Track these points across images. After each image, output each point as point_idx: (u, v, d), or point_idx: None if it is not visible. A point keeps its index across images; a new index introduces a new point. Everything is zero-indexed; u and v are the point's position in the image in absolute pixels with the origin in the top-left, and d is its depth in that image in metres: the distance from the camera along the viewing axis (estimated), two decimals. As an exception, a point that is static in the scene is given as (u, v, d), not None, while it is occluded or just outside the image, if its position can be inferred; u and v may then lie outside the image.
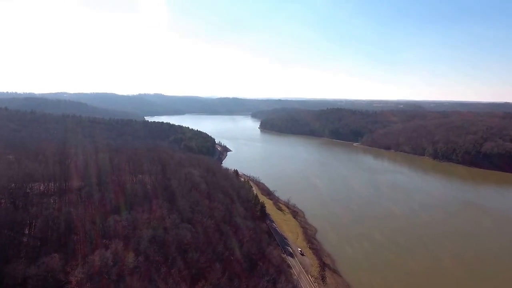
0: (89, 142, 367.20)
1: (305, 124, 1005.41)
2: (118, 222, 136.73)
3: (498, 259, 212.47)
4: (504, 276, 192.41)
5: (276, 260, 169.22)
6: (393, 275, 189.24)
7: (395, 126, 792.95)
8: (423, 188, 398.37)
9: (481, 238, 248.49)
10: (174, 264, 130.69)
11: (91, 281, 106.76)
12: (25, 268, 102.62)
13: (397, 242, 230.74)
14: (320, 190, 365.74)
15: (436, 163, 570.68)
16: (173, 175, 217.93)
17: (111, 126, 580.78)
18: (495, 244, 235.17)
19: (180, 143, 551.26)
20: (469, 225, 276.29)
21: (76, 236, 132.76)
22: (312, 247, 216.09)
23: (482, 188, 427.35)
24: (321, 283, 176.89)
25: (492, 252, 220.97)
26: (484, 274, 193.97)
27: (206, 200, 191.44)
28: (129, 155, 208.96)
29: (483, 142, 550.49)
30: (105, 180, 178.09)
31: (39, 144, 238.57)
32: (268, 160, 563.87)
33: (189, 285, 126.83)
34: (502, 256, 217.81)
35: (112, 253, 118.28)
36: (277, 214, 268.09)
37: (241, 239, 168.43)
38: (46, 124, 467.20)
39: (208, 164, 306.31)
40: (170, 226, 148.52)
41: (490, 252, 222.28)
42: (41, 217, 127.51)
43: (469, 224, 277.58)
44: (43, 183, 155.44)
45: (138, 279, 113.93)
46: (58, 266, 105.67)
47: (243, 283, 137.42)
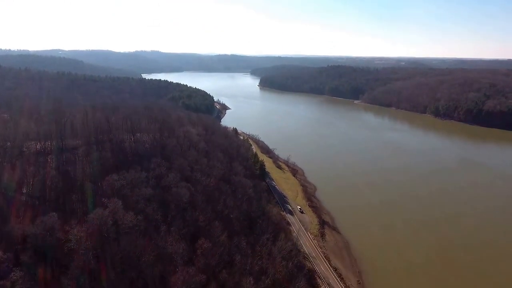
0: (85, 100, 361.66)
1: (305, 82, 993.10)
2: (116, 181, 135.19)
3: (486, 213, 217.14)
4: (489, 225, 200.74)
5: (275, 218, 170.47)
6: (391, 231, 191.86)
7: (396, 84, 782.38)
8: (423, 146, 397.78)
9: (474, 191, 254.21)
10: (173, 222, 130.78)
11: (91, 240, 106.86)
12: (24, 227, 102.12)
13: (395, 200, 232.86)
14: (320, 149, 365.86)
15: (437, 121, 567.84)
16: (171, 133, 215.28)
17: (108, 84, 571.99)
18: (484, 197, 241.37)
19: (178, 101, 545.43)
20: (464, 179, 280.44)
21: (75, 195, 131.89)
22: (312, 205, 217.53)
23: (482, 146, 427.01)
24: (320, 240, 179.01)
25: (479, 205, 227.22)
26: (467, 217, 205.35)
27: (205, 158, 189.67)
28: (127, 114, 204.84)
29: (485, 100, 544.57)
30: (103, 139, 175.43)
31: (35, 103, 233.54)
32: (268, 118, 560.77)
33: (189, 243, 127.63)
34: (489, 211, 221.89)
35: (111, 212, 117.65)
36: (277, 172, 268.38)
37: (240, 197, 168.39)
38: (41, 82, 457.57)
39: (207, 122, 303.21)
40: (168, 185, 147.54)
41: (478, 203, 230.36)
42: (38, 176, 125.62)
43: (465, 179, 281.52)
44: (39, 142, 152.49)
45: (137, 237, 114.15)
46: (57, 225, 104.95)
47: (243, 240, 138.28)
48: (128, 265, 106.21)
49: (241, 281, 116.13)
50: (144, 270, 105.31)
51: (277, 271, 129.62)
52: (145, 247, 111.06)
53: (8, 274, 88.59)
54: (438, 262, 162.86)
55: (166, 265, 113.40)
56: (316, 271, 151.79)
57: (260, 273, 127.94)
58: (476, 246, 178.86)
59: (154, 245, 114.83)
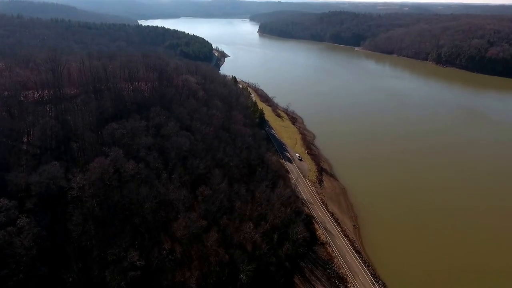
0: (81, 48, 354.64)
1: (305, 28, 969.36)
2: (116, 130, 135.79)
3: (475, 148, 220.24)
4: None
5: (274, 165, 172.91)
6: (386, 178, 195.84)
7: (398, 30, 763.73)
8: (423, 94, 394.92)
9: (472, 141, 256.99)
10: (174, 170, 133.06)
11: (93, 188, 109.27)
12: (26, 176, 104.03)
13: (392, 147, 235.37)
14: (320, 97, 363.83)
15: (438, 68, 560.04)
16: (170, 82, 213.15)
17: (103, 31, 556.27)
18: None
19: (176, 48, 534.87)
20: (463, 128, 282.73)
21: (76, 144, 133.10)
22: (310, 152, 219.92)
23: (482, 94, 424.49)
24: (318, 187, 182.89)
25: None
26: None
27: (204, 107, 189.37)
28: (124, 62, 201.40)
29: (489, 47, 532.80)
30: (100, 87, 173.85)
31: (30, 51, 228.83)
32: (267, 66, 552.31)
33: (190, 190, 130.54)
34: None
35: (112, 161, 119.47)
36: (276, 120, 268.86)
37: (240, 146, 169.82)
38: (35, 29, 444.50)
39: (206, 70, 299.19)
40: (168, 133, 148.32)
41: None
42: (38, 126, 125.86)
43: (463, 128, 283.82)
44: (37, 91, 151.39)
45: (139, 185, 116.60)
46: (60, 173, 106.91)
47: (243, 188, 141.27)
48: (131, 211, 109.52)
49: (241, 226, 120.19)
50: (147, 216, 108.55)
51: (276, 217, 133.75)
52: (147, 194, 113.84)
53: (14, 221, 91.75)
54: (432, 207, 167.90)
55: (168, 211, 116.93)
56: (313, 216, 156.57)
57: (259, 218, 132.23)
58: (473, 194, 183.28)
59: (156, 193, 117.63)
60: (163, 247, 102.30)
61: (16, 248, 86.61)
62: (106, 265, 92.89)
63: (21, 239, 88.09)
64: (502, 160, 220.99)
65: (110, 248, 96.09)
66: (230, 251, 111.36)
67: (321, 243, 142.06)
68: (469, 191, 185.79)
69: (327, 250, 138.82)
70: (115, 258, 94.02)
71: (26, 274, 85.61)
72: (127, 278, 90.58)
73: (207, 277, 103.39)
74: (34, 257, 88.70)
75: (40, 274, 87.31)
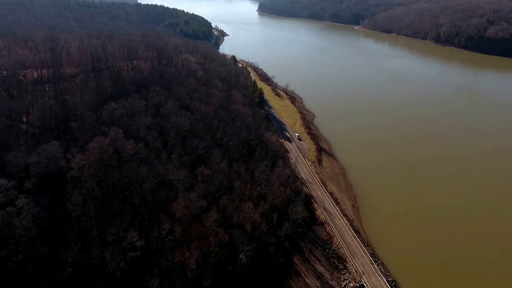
0: (80, 27, 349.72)
1: (305, 7, 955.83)
2: (115, 109, 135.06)
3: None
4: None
5: (274, 145, 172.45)
6: (385, 157, 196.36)
7: (398, 9, 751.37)
8: (421, 73, 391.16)
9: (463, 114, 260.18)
10: (173, 150, 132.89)
11: (93, 168, 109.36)
12: (26, 156, 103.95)
13: (390, 127, 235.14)
14: (320, 76, 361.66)
15: (437, 47, 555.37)
16: (169, 61, 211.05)
17: (102, 10, 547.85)
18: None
19: (175, 27, 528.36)
20: (458, 107, 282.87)
21: (75, 123, 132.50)
22: (310, 132, 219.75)
23: (480, 73, 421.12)
24: (318, 166, 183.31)
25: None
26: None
27: (203, 87, 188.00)
28: (123, 41, 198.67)
29: (488, 26, 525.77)
30: (100, 67, 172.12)
31: (28, 30, 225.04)
32: (267, 45, 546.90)
33: (189, 170, 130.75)
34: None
35: (112, 140, 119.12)
36: (275, 100, 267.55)
37: (239, 125, 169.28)
38: (33, 8, 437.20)
39: (205, 49, 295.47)
40: (168, 113, 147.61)
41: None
42: (37, 105, 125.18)
43: (458, 107, 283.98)
44: (36, 71, 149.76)
45: (139, 165, 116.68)
46: (59, 153, 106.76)
47: (242, 167, 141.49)
48: (130, 191, 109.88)
49: (241, 206, 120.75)
50: (146, 196, 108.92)
51: (275, 197, 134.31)
52: (146, 174, 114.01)
53: (13, 201, 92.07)
54: (430, 187, 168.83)
55: (168, 191, 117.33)
56: (313, 196, 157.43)
57: (259, 198, 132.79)
58: (472, 172, 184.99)
59: (156, 173, 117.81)
60: (162, 227, 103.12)
61: (15, 229, 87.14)
62: (105, 246, 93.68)
63: (20, 220, 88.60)
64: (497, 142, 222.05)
65: (109, 228, 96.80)
66: (230, 231, 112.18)
67: (320, 222, 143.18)
68: (469, 169, 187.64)
69: (326, 229, 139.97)
70: (115, 239, 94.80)
71: (26, 255, 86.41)
72: (127, 258, 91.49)
73: (207, 257, 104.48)
74: (33, 237, 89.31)
75: (40, 254, 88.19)
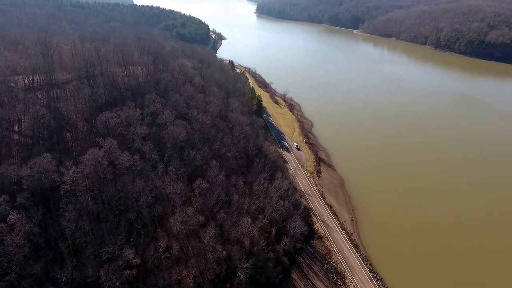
0: (73, 29, 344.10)
1: (303, 9, 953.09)
2: (110, 119, 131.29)
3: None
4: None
5: (272, 156, 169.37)
6: (384, 168, 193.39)
7: (398, 12, 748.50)
8: (421, 82, 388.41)
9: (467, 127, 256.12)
10: (170, 162, 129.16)
11: (87, 181, 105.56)
12: (17, 169, 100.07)
13: (389, 137, 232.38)
14: (319, 83, 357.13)
15: (436, 53, 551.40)
16: (165, 66, 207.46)
17: (97, 11, 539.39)
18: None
19: (172, 30, 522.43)
20: (457, 116, 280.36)
21: (69, 133, 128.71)
22: (308, 141, 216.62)
23: (479, 80, 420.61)
24: (316, 178, 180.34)
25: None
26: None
27: (201, 94, 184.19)
28: (117, 45, 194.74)
29: (488, 31, 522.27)
30: (94, 72, 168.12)
31: (20, 32, 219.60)
32: (265, 50, 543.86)
33: (187, 183, 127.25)
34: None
35: (106, 152, 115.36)
36: (274, 107, 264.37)
37: (237, 135, 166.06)
38: (26, 8, 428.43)
39: (202, 54, 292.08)
40: (164, 122, 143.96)
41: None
42: (28, 114, 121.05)
43: (457, 115, 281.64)
44: (27, 77, 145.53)
45: (134, 178, 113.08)
46: (51, 166, 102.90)
47: (240, 180, 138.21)
48: (126, 206, 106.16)
49: (239, 221, 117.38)
50: (142, 211, 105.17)
51: (274, 210, 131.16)
52: (143, 188, 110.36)
53: (5, 217, 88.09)
54: (431, 199, 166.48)
55: (165, 205, 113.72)
56: (311, 209, 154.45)
57: (257, 212, 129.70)
58: (474, 184, 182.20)
59: (152, 186, 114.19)
60: (159, 244, 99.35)
61: (7, 246, 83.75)
62: (101, 264, 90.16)
63: (13, 237, 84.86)
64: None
65: (104, 245, 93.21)
66: (228, 247, 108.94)
67: (319, 236, 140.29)
68: (470, 181, 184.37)
69: (325, 244, 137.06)
70: (110, 257, 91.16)
71: (19, 273, 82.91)
72: (123, 277, 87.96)
73: (204, 274, 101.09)
74: (26, 255, 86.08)
75: (33, 273, 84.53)
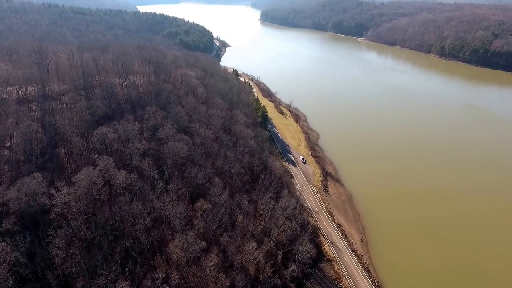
0: (75, 36, 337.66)
1: (307, 17, 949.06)
2: (107, 134, 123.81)
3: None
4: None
5: (278, 171, 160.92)
6: (393, 182, 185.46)
7: (402, 20, 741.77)
8: (428, 91, 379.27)
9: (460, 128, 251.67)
10: (170, 180, 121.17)
11: (79, 203, 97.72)
12: (3, 191, 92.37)
13: (397, 149, 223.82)
14: (324, 93, 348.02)
15: (441, 61, 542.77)
16: (167, 76, 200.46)
17: (99, 18, 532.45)
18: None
19: (175, 37, 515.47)
20: (464, 128, 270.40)
21: (63, 149, 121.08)
22: (315, 154, 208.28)
23: (483, 90, 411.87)
24: (323, 194, 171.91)
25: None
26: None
27: (203, 106, 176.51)
28: (117, 54, 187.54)
29: (493, 39, 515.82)
30: (91, 83, 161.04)
31: (17, 39, 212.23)
32: (269, 57, 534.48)
33: (188, 203, 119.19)
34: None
35: (101, 171, 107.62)
36: (279, 118, 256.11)
37: (241, 150, 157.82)
38: (26, 15, 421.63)
39: (206, 63, 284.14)
40: (165, 137, 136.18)
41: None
42: (18, 130, 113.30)
43: (464, 128, 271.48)
44: (20, 88, 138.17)
45: (131, 199, 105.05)
46: (41, 187, 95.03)
47: (245, 199, 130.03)
48: (122, 231, 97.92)
49: (243, 245, 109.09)
50: (139, 237, 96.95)
51: (281, 232, 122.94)
52: (140, 211, 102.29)
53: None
54: (445, 216, 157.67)
55: (164, 229, 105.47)
56: (319, 228, 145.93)
57: (263, 234, 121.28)
58: (487, 200, 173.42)
59: (150, 208, 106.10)
60: (157, 275, 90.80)
61: (-11, 281, 75.70)
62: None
63: (-5, 269, 76.97)
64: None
65: (97, 277, 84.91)
66: (232, 274, 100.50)
67: (328, 259, 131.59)
68: (484, 198, 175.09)
69: (334, 267, 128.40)
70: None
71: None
72: (116, 314, 79.73)
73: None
74: (10, 287, 78.04)
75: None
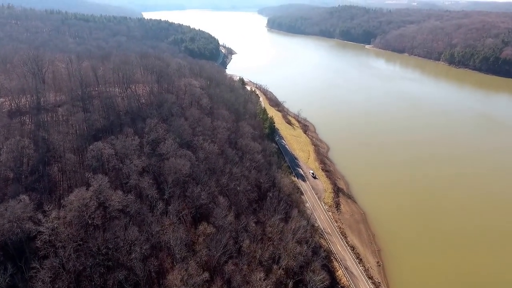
0: (77, 43, 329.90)
1: (314, 24, 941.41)
2: (103, 150, 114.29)
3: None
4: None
5: (287, 188, 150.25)
6: (408, 197, 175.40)
7: (410, 27, 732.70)
8: (442, 101, 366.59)
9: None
10: (171, 200, 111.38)
11: (70, 229, 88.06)
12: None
13: (411, 161, 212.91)
14: (333, 101, 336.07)
15: (451, 69, 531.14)
16: (170, 85, 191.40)
17: (103, 25, 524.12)
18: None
19: (180, 44, 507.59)
20: (478, 140, 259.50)
21: (57, 166, 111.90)
22: (325, 168, 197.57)
23: (494, 98, 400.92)
24: (335, 212, 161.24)
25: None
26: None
27: (208, 118, 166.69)
28: (117, 63, 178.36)
29: (503, 47, 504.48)
30: (90, 93, 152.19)
31: (14, 47, 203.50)
32: (276, 65, 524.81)
33: (189, 226, 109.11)
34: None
35: (95, 192, 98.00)
36: (287, 129, 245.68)
37: (248, 165, 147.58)
38: (27, 21, 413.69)
39: (211, 71, 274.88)
40: (166, 152, 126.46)
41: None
42: (6, 147, 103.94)
43: (478, 140, 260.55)
44: (13, 99, 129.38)
45: (127, 224, 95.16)
46: (26, 212, 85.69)
47: (252, 220, 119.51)
48: (116, 261, 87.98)
49: (250, 275, 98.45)
50: (134, 268, 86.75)
51: (291, 257, 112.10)
52: (137, 237, 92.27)
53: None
54: (468, 235, 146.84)
55: (163, 258, 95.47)
56: (332, 252, 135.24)
57: (271, 260, 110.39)
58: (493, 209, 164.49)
59: (148, 234, 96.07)
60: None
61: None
62: None
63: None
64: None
65: (84, 318, 74.99)
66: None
67: (342, 287, 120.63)
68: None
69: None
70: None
71: None
72: None
73: None
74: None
75: None
